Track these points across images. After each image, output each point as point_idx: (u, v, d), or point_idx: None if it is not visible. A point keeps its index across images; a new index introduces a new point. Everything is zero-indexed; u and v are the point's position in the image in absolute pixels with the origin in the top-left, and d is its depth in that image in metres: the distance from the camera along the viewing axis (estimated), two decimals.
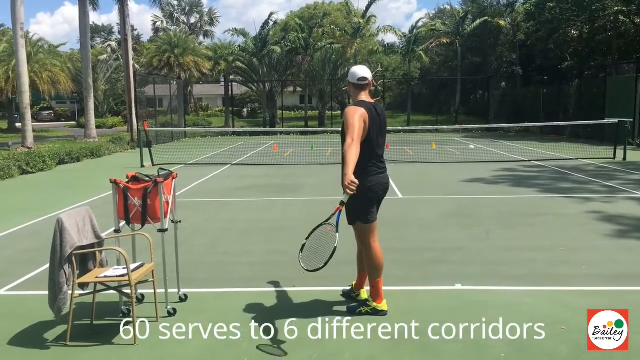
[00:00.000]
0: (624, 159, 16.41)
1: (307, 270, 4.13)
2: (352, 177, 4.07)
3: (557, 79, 32.13)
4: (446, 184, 12.21)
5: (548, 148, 21.47)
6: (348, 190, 4.07)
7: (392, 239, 7.29)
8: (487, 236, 7.39)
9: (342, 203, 4.24)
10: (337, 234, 4.18)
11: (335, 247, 4.08)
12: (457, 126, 30.97)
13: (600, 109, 24.22)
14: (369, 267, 4.66)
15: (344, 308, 4.81)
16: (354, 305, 4.75)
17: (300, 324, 4.50)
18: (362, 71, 4.60)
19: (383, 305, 4.63)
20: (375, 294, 4.65)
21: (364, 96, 4.58)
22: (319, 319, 4.59)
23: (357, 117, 4.32)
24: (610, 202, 9.73)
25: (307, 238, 4.30)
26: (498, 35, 39.45)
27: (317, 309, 4.83)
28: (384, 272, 4.70)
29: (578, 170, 14.32)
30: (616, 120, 17.45)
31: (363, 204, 4.51)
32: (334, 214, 4.25)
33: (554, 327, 4.33)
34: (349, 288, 5.12)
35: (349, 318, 4.55)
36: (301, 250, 4.24)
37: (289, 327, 4.41)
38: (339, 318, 4.57)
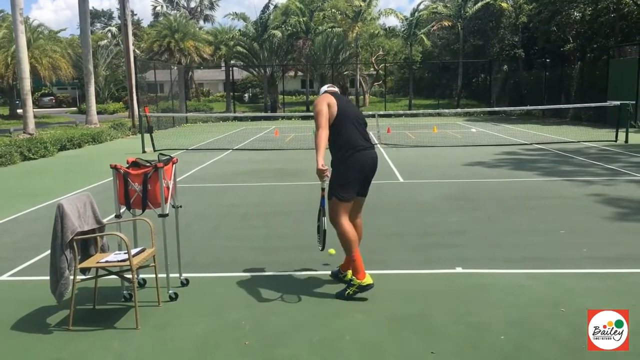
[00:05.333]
0: (626, 141, 16.38)
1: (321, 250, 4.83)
2: (321, 164, 4.51)
3: (560, 62, 31.95)
4: (448, 168, 12.20)
5: (550, 131, 21.42)
6: (320, 179, 4.63)
7: (393, 223, 7.30)
8: (488, 219, 7.40)
9: (322, 189, 4.74)
10: (325, 217, 4.74)
11: (325, 230, 4.73)
12: (459, 110, 30.89)
13: (603, 92, 24.12)
14: (341, 244, 4.70)
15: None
16: (341, 290, 4.70)
17: (302, 307, 4.53)
18: (328, 85, 5.11)
19: (367, 280, 4.61)
20: (355, 270, 4.63)
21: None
22: (320, 302, 4.62)
23: (320, 103, 4.71)
24: (611, 185, 9.72)
25: (318, 220, 4.89)
26: (500, 17, 39.10)
27: (318, 292, 4.85)
28: (385, 256, 4.70)
29: (580, 153, 14.29)
30: (618, 102, 17.38)
31: (341, 182, 4.67)
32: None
33: (554, 309, 4.35)
34: (336, 269, 5.17)
35: (349, 301, 4.57)
36: (318, 232, 4.92)
37: (290, 311, 4.45)
38: (339, 301, 4.60)
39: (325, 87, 5.05)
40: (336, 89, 5.07)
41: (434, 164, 13.08)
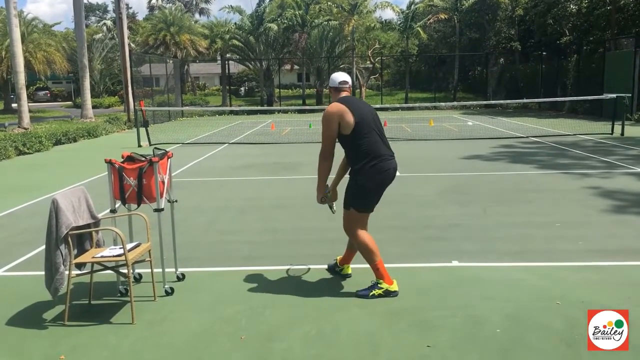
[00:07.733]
0: (622, 134, 16.39)
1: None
2: (319, 199, 4.74)
3: (556, 55, 31.92)
4: (444, 161, 12.19)
5: (546, 124, 21.43)
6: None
7: (389, 217, 7.29)
8: (485, 213, 7.40)
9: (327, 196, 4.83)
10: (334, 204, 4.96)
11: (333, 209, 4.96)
12: (455, 103, 30.83)
13: (599, 84, 24.11)
14: (362, 254, 4.59)
15: (341, 285, 4.84)
16: (364, 290, 4.57)
17: (298, 301, 4.53)
18: (342, 76, 4.67)
19: (394, 286, 4.54)
20: (381, 275, 4.53)
21: (344, 94, 4.62)
22: (316, 296, 4.61)
23: (330, 120, 4.40)
24: (608, 178, 9.73)
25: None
26: (496, 10, 39.00)
27: (315, 286, 4.85)
28: (382, 250, 4.68)
29: (576, 146, 14.30)
30: (614, 95, 17.38)
31: (362, 193, 4.49)
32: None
33: (550, 302, 4.36)
34: (333, 262, 5.15)
35: (347, 295, 4.56)
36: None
37: (286, 305, 4.45)
38: (335, 295, 4.60)
39: (337, 80, 4.62)
40: (349, 84, 4.64)
41: (431, 157, 13.08)
